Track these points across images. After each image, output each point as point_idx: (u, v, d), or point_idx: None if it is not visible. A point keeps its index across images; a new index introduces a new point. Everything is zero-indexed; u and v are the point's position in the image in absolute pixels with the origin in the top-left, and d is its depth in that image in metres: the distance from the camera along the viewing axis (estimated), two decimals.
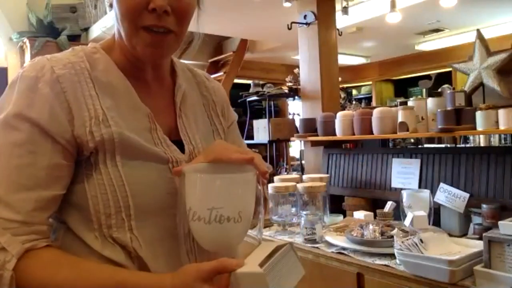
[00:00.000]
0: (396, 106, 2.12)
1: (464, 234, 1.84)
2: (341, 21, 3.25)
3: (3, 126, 0.68)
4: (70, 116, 0.70)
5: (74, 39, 4.54)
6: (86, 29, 4.64)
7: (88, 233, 0.72)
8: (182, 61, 0.96)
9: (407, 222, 1.72)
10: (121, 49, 0.80)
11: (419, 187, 2.04)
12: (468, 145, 3.86)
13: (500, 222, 1.35)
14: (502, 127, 1.71)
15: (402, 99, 2.29)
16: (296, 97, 3.99)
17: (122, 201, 0.70)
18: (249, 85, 4.93)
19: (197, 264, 0.67)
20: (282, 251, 0.68)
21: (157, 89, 0.85)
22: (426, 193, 1.83)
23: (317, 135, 2.48)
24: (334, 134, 2.36)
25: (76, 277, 0.65)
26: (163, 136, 0.79)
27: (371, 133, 2.16)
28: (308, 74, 2.80)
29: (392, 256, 1.60)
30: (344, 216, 2.28)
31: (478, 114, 1.78)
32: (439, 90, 3.36)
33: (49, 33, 4.47)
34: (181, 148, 0.82)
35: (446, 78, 5.53)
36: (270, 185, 2.13)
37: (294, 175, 2.65)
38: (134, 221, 0.71)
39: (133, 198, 0.71)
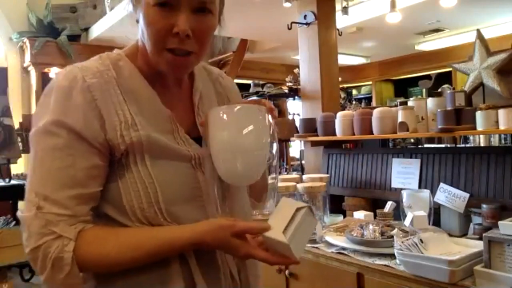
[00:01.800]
0: (396, 106, 2.12)
1: (464, 234, 1.84)
2: (341, 21, 3.25)
3: (44, 133, 0.76)
4: (101, 122, 0.78)
5: (74, 39, 4.54)
6: (86, 29, 4.64)
7: (129, 223, 0.79)
8: None
9: (407, 222, 1.72)
10: (144, 57, 0.86)
11: (419, 187, 2.04)
12: (468, 145, 3.86)
13: (500, 222, 1.35)
14: (502, 127, 1.71)
15: (402, 99, 2.28)
16: (296, 97, 3.99)
17: (153, 196, 0.78)
18: (249, 85, 4.94)
19: (233, 221, 0.77)
20: (302, 216, 0.76)
21: (177, 91, 0.91)
22: (426, 193, 1.83)
23: (317, 135, 2.48)
24: (334, 134, 2.36)
25: (123, 242, 0.76)
26: (185, 135, 0.86)
27: (371, 133, 2.16)
28: (308, 74, 2.80)
29: (392, 256, 1.60)
30: (344, 216, 2.28)
31: (478, 114, 1.78)
32: (439, 90, 3.37)
33: (49, 33, 4.48)
34: (201, 144, 0.88)
35: (446, 78, 5.53)
36: None
37: (294, 175, 2.64)
38: (165, 213, 0.79)
39: (162, 193, 0.79)
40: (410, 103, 2.06)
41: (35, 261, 0.73)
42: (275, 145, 0.83)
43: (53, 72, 4.50)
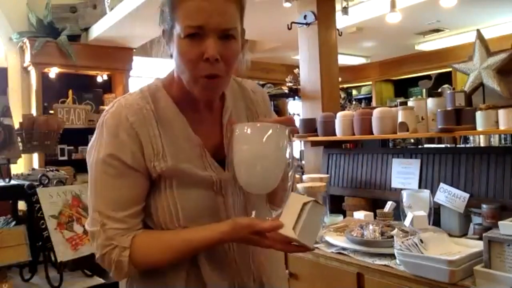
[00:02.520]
0: (396, 106, 2.12)
1: (464, 234, 1.84)
2: (341, 21, 3.24)
3: (102, 163, 0.94)
4: (142, 153, 0.95)
5: (74, 39, 4.53)
6: (86, 29, 4.63)
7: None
8: None
9: (407, 222, 1.72)
10: (178, 85, 0.99)
11: (419, 187, 2.04)
12: (468, 145, 3.86)
13: (500, 222, 1.35)
14: (502, 127, 1.71)
15: (402, 99, 2.29)
16: (296, 97, 3.99)
17: (175, 215, 0.95)
18: None
19: (250, 221, 0.89)
20: (308, 210, 0.85)
21: (208, 115, 1.03)
22: (426, 193, 1.83)
23: (317, 135, 2.48)
24: (334, 134, 2.36)
25: (161, 246, 0.95)
26: (211, 159, 0.99)
27: (371, 133, 2.16)
28: (308, 74, 2.80)
29: (392, 256, 1.60)
30: (344, 216, 2.28)
31: (478, 114, 1.78)
32: (439, 90, 3.37)
33: (49, 33, 4.46)
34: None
35: (446, 78, 5.53)
36: None
37: None
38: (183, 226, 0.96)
39: (183, 212, 0.96)
40: (410, 103, 2.06)
41: (103, 263, 0.95)
42: (288, 151, 0.92)
43: (53, 72, 4.50)
